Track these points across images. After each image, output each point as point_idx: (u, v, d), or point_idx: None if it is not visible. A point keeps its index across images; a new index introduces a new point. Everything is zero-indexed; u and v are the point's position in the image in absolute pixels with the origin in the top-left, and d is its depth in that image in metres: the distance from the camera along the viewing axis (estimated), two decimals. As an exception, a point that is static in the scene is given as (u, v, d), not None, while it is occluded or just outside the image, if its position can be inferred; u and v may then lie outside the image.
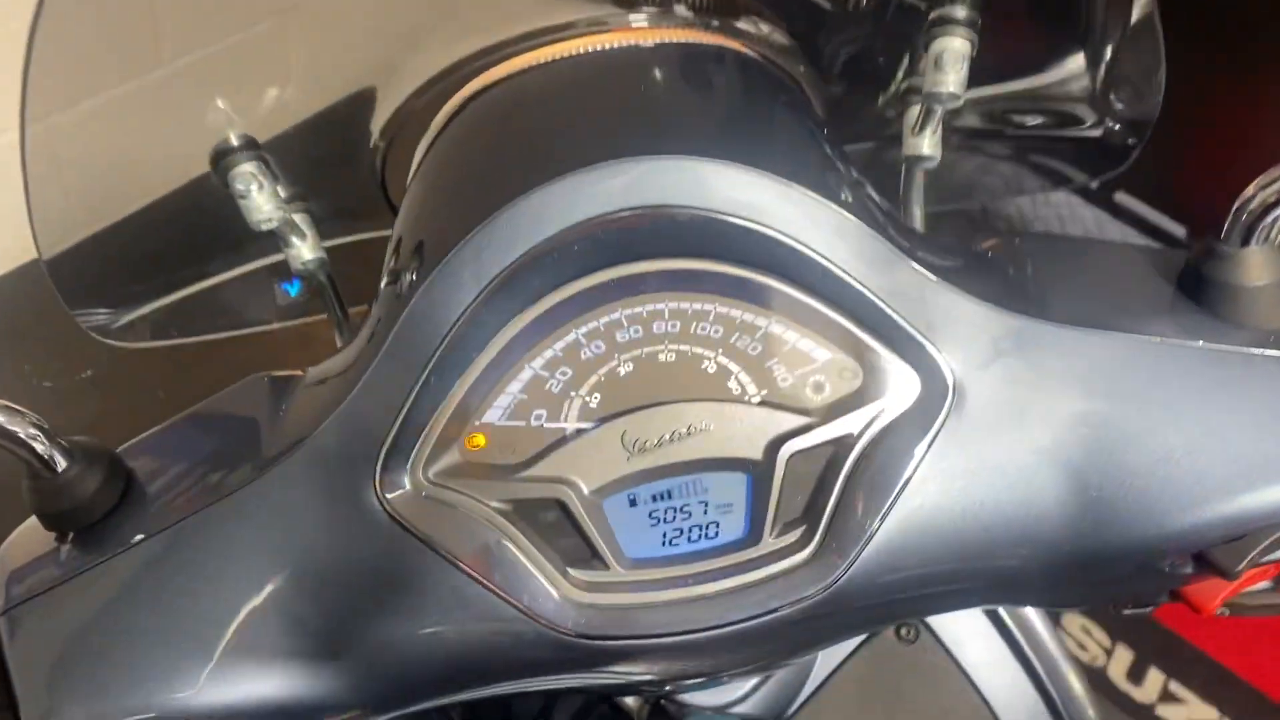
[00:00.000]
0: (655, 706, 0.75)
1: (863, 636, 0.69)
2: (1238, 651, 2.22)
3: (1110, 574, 0.46)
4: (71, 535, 0.47)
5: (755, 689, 0.63)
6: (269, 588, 0.45)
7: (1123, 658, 2.20)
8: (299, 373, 0.50)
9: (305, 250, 0.59)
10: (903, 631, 0.68)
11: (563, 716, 0.97)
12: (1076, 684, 0.68)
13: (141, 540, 0.45)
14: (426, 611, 0.45)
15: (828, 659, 0.69)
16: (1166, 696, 2.15)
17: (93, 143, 0.64)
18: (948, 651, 0.68)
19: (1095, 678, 2.15)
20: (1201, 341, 0.45)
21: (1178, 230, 1.53)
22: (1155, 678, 2.18)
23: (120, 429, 0.50)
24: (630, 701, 0.75)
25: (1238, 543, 0.44)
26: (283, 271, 0.63)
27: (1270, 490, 0.43)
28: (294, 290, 0.66)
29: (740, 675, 0.57)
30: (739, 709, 0.63)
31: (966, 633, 0.68)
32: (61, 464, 0.45)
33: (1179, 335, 0.45)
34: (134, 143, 0.65)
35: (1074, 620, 2.23)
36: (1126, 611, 0.51)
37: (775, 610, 0.44)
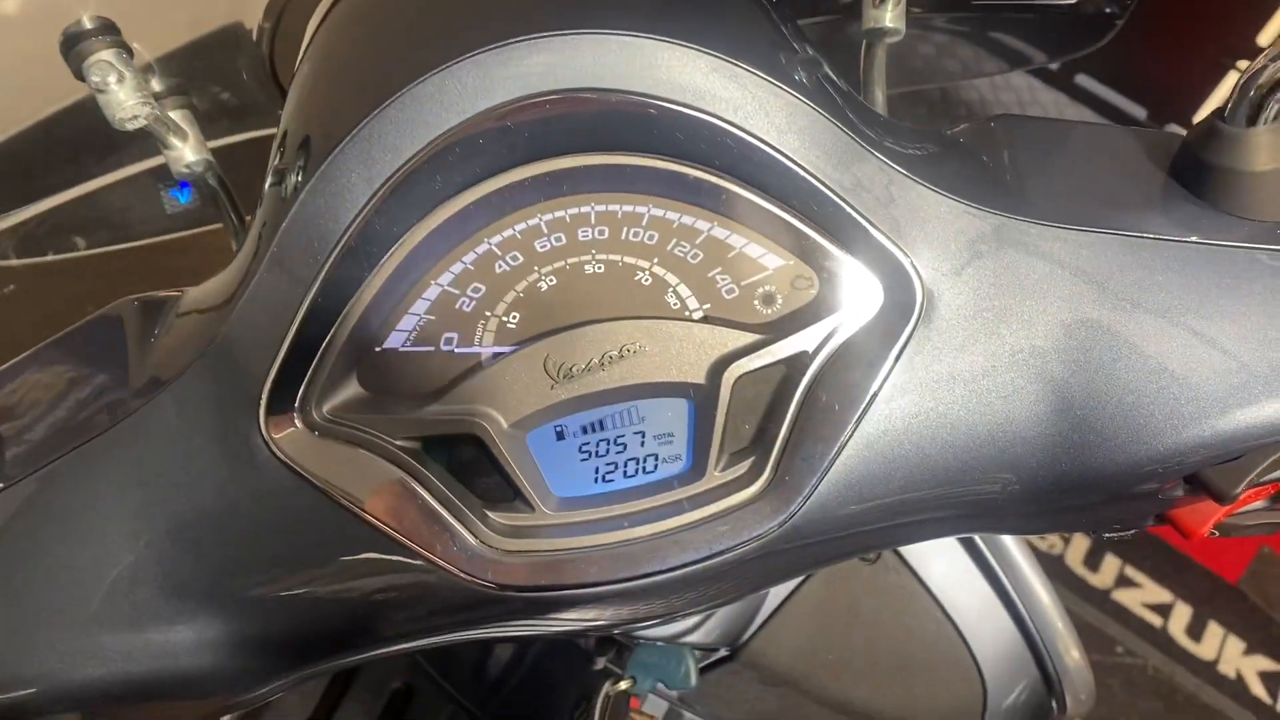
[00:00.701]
0: (603, 636, 0.71)
1: (821, 558, 0.65)
2: (1190, 534, 2.26)
3: (1094, 499, 0.41)
4: None
5: (706, 618, 0.59)
6: (144, 545, 0.39)
7: (1079, 544, 2.23)
8: (176, 293, 0.44)
9: (187, 152, 0.52)
10: (863, 550, 0.64)
11: (506, 644, 0.94)
12: (1045, 595, 0.65)
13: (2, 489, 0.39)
14: (325, 565, 0.40)
15: (784, 583, 0.65)
16: (1123, 581, 2.19)
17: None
18: (911, 570, 0.64)
19: (1053, 565, 2.17)
20: (1199, 238, 0.39)
21: (1139, 112, 1.49)
22: (1111, 563, 2.21)
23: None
24: (576, 628, 0.71)
25: (1235, 463, 0.39)
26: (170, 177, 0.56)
27: (1273, 404, 0.38)
28: (184, 197, 0.59)
29: (688, 615, 0.53)
30: (690, 639, 0.59)
31: (929, 549, 0.64)
32: None
33: (1174, 231, 0.40)
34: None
35: (1030, 507, 2.25)
36: (1109, 535, 0.47)
37: (722, 552, 0.39)
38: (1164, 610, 2.15)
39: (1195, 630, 2.13)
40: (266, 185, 0.42)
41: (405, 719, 1.14)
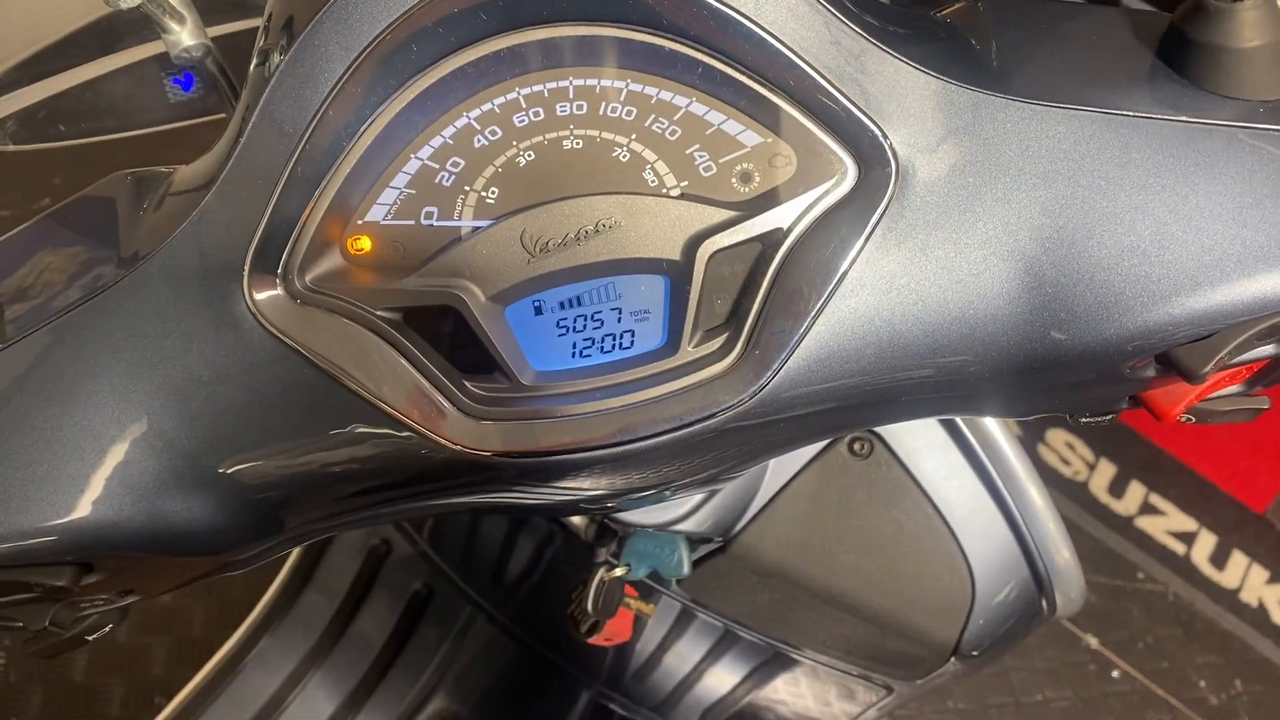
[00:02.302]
0: (601, 525, 0.73)
1: (813, 452, 0.66)
2: (1219, 463, 2.24)
3: (1067, 378, 0.42)
4: None
5: (698, 507, 0.60)
6: (134, 404, 0.40)
7: (1105, 471, 2.22)
8: (167, 169, 0.45)
9: (185, 35, 0.53)
10: (855, 446, 0.65)
11: (497, 524, 0.96)
12: (1037, 497, 0.66)
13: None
14: (308, 430, 0.41)
15: (776, 475, 0.66)
16: (1147, 509, 2.18)
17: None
18: (902, 465, 0.65)
19: (1077, 492, 2.17)
20: (1181, 116, 0.39)
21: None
22: (1136, 491, 2.21)
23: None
24: (576, 521, 0.73)
25: (1205, 342, 0.39)
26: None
27: (1245, 283, 0.38)
28: (188, 86, 0.59)
29: (677, 492, 0.54)
30: (682, 527, 0.60)
31: (922, 445, 0.65)
32: None
33: (1155, 110, 0.39)
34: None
35: (1058, 436, 2.24)
36: (1085, 420, 0.47)
37: (694, 422, 0.40)
38: (1188, 538, 2.15)
39: (1219, 558, 2.13)
40: (252, 67, 0.43)
41: (426, 619, 1.17)
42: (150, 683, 1.55)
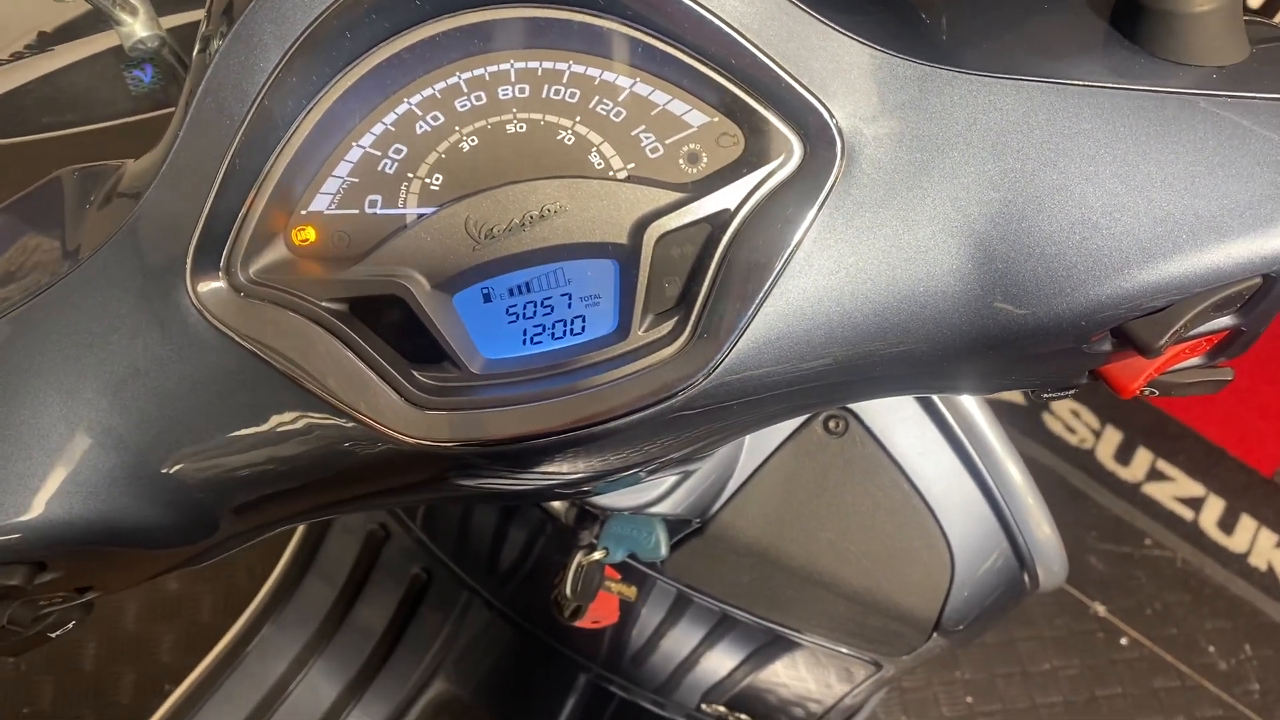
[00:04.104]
0: (582, 510, 0.73)
1: (788, 431, 0.65)
2: (1227, 427, 2.23)
3: (1022, 354, 0.41)
4: None
5: (674, 489, 0.60)
6: (82, 401, 0.40)
7: (1111, 439, 2.21)
8: (116, 163, 0.44)
9: (138, 27, 0.52)
10: (830, 423, 0.64)
11: (488, 513, 0.96)
12: (1015, 472, 0.65)
13: None
14: (255, 423, 0.41)
15: (752, 455, 0.65)
16: (1154, 475, 2.17)
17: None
18: (878, 442, 0.64)
19: (1083, 459, 2.16)
20: (1133, 85, 0.38)
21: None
22: (1143, 457, 2.20)
23: None
24: (557, 506, 0.73)
25: (1159, 315, 0.38)
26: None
27: (1198, 254, 0.37)
28: (148, 77, 0.59)
29: (646, 475, 0.54)
30: (658, 509, 0.60)
31: (897, 422, 0.64)
32: None
33: (1107, 79, 0.38)
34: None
35: (1063, 404, 2.23)
36: (1046, 395, 0.47)
37: (644, 408, 0.40)
38: (1195, 504, 2.14)
39: (1227, 523, 2.12)
40: (194, 54, 0.42)
41: (425, 604, 1.18)
42: (159, 670, 1.57)
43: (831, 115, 0.38)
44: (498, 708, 1.08)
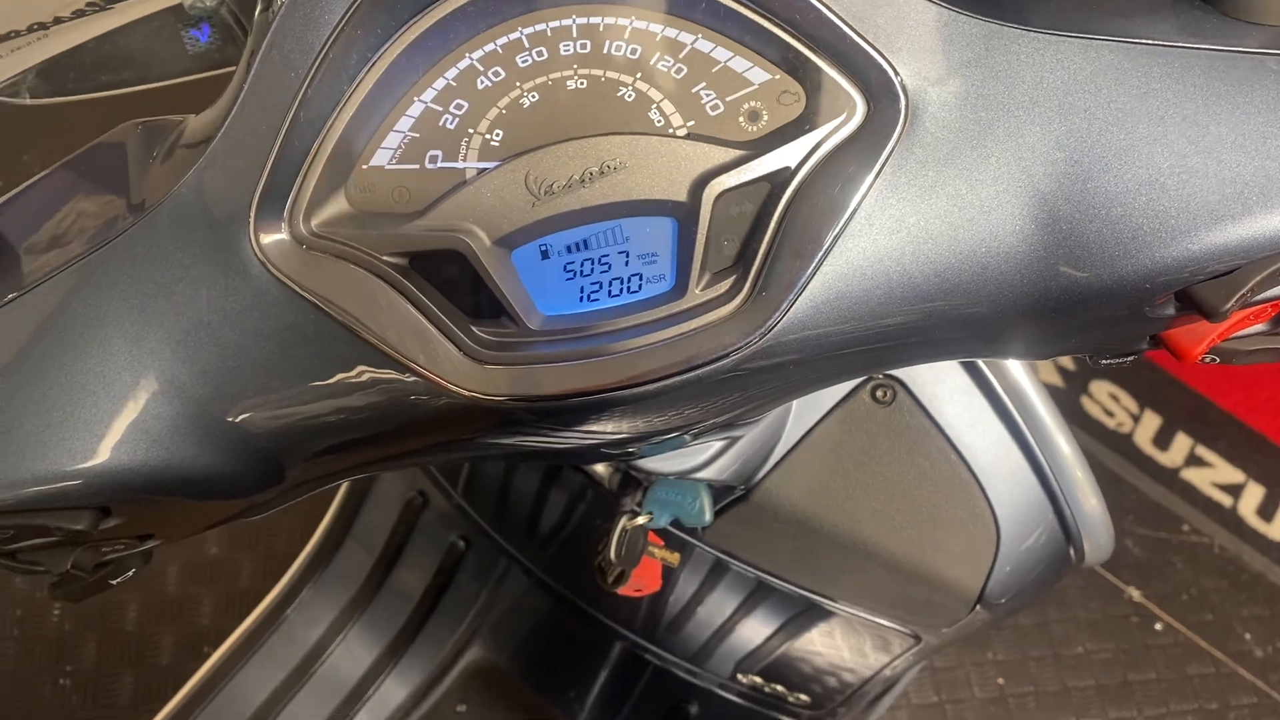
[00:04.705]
0: (625, 475, 0.73)
1: (835, 399, 0.65)
2: (1268, 413, 2.20)
3: (1083, 318, 0.41)
4: None
5: (719, 454, 0.60)
6: (146, 350, 0.41)
7: (1150, 423, 2.19)
8: (178, 118, 0.45)
9: None
10: (878, 393, 0.64)
11: (529, 479, 0.97)
12: (1064, 443, 0.64)
13: (11, 300, 0.41)
14: (315, 375, 0.41)
15: (799, 422, 0.65)
16: (1193, 460, 2.15)
17: None
18: (925, 411, 0.64)
19: (1121, 444, 2.14)
20: (1204, 44, 0.38)
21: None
22: (1183, 442, 2.17)
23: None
24: (601, 470, 0.73)
25: (1225, 279, 0.38)
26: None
27: (1267, 217, 0.37)
28: (205, 37, 0.59)
29: (695, 438, 0.54)
30: (703, 474, 0.60)
31: (946, 391, 0.64)
32: None
33: (1176, 38, 0.38)
34: None
35: (1101, 387, 2.21)
36: (1106, 361, 0.46)
37: (699, 367, 0.40)
38: (1235, 490, 2.12)
39: (1267, 510, 2.10)
40: (257, 14, 0.43)
41: (462, 571, 1.19)
42: (198, 633, 1.59)
43: (896, 73, 0.38)
44: (533, 674, 1.09)
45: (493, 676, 1.10)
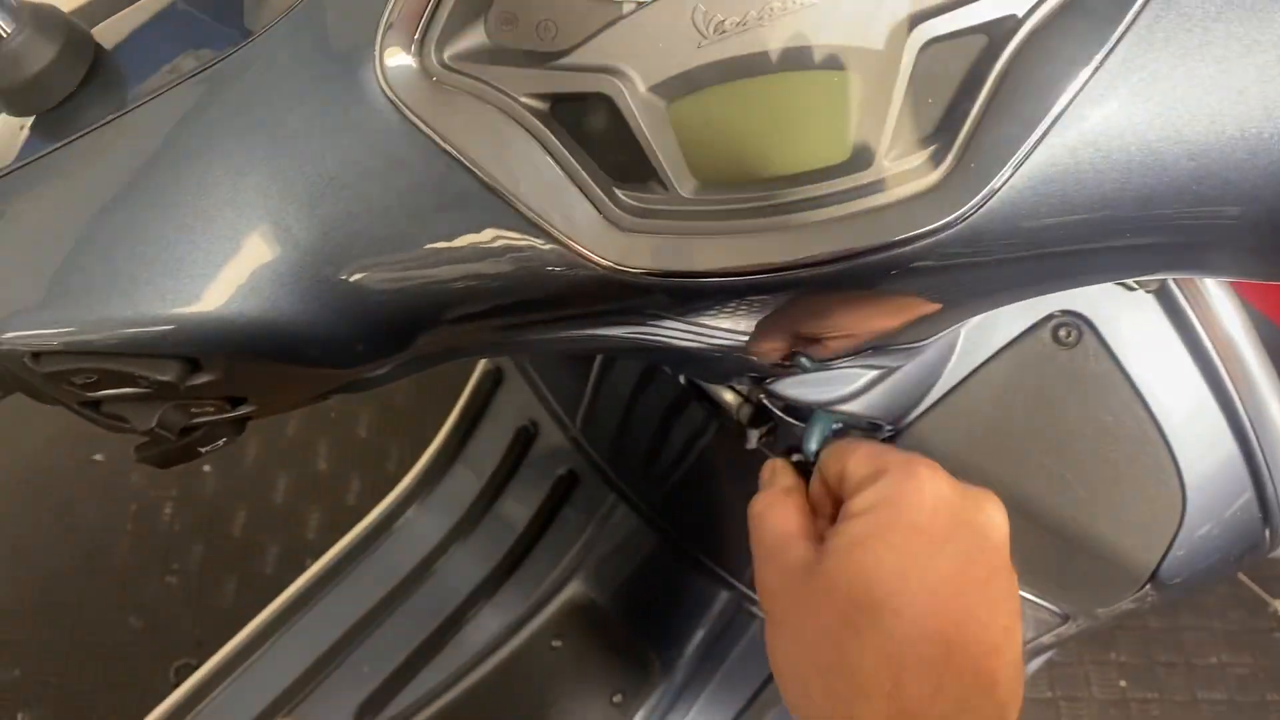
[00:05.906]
0: (758, 408, 0.67)
1: (1008, 336, 0.57)
2: None
3: None
4: (33, 120, 0.39)
5: (869, 386, 0.53)
6: (251, 187, 0.36)
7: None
8: None
9: None
10: (1061, 332, 0.56)
11: (650, 412, 0.91)
12: (1276, 409, 0.56)
13: (109, 120, 0.37)
14: (436, 229, 0.36)
15: (963, 360, 0.58)
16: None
17: None
18: (1114, 358, 0.56)
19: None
20: None
21: None
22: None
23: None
24: (729, 398, 0.67)
25: None
26: None
27: None
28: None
29: (843, 356, 0.47)
30: (847, 407, 0.53)
31: (1141, 338, 0.56)
32: (6, 28, 0.36)
33: None
34: None
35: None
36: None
37: (882, 247, 0.33)
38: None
39: None
40: None
41: (569, 504, 1.15)
42: (303, 546, 1.60)
43: None
44: (633, 616, 1.05)
45: (592, 614, 1.06)
